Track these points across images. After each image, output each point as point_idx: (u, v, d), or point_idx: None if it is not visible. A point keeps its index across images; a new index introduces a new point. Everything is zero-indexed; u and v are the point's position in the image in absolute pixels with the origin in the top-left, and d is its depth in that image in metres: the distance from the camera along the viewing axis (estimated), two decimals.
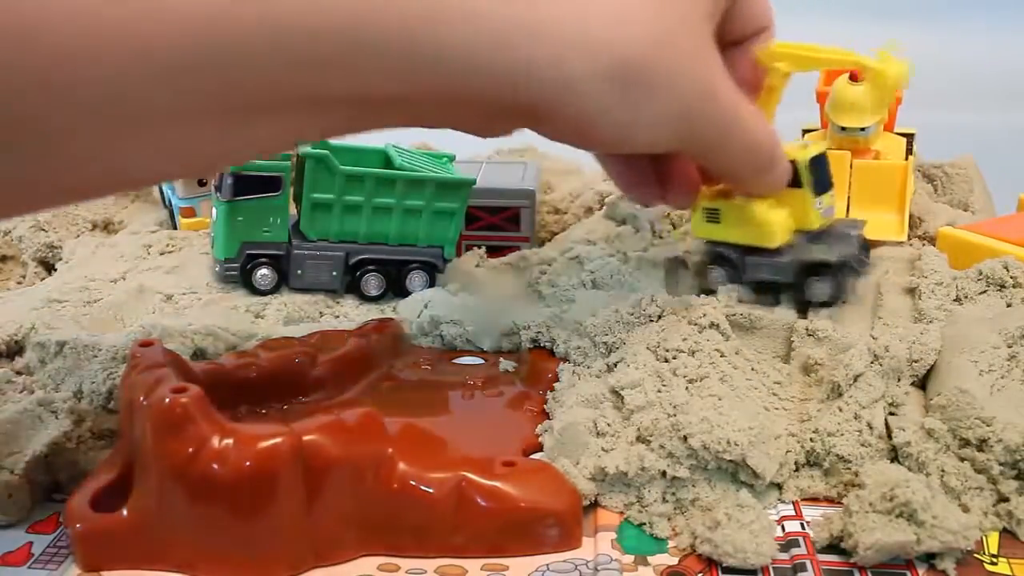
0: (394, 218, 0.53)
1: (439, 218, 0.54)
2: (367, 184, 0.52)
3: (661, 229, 0.58)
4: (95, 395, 0.46)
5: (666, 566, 0.38)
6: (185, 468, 0.36)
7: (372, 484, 0.38)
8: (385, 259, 0.54)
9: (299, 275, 0.54)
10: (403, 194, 0.53)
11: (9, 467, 0.40)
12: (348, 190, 0.52)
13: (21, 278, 0.62)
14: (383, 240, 0.54)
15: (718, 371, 0.44)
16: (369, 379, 0.48)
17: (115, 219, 0.65)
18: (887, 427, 0.42)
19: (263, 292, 0.54)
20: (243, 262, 0.53)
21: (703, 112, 0.39)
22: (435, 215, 0.54)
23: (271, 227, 0.53)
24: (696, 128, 0.39)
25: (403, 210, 0.53)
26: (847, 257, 0.46)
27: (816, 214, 0.46)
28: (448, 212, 0.54)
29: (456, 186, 0.54)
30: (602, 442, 0.41)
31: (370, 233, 0.53)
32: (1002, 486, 0.40)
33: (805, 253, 0.46)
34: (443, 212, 0.54)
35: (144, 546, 0.38)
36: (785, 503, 0.41)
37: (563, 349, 0.48)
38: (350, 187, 0.52)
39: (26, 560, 0.39)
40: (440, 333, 0.51)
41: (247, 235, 0.53)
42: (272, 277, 0.53)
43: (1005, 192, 0.44)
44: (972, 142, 0.62)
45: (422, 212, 0.53)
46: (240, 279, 0.54)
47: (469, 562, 0.38)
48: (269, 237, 0.53)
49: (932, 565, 0.37)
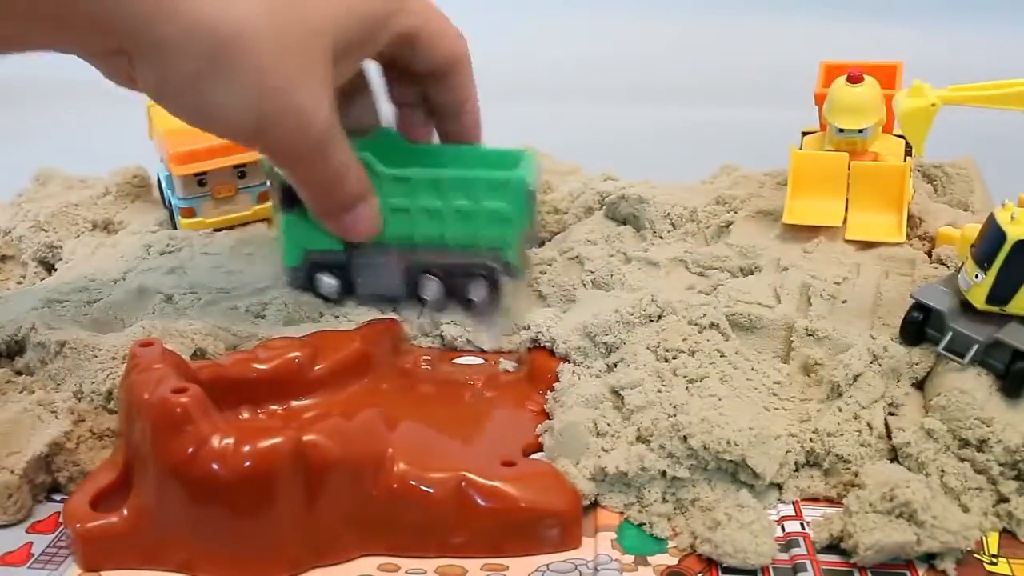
0: (447, 220, 0.50)
1: (494, 219, 0.49)
2: (413, 186, 0.49)
3: (661, 229, 0.58)
4: (95, 395, 0.46)
5: (666, 566, 0.38)
6: (185, 468, 0.36)
7: (372, 484, 0.38)
8: (444, 264, 0.50)
9: (360, 283, 0.52)
10: (451, 194, 0.49)
11: (9, 467, 0.40)
12: (394, 192, 0.49)
13: (21, 278, 0.62)
14: (440, 243, 0.50)
15: (718, 371, 0.44)
16: (369, 379, 0.47)
17: (115, 219, 0.65)
18: (887, 427, 0.42)
19: (329, 300, 0.52)
20: (307, 270, 0.52)
21: (279, 111, 0.41)
22: (489, 216, 0.49)
23: (329, 235, 0.51)
24: (274, 131, 0.42)
25: (454, 211, 0.49)
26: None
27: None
28: (501, 213, 0.49)
29: (506, 184, 0.49)
30: (602, 442, 0.41)
31: (424, 236, 0.50)
32: (1002, 486, 0.40)
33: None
34: (496, 213, 0.49)
35: (144, 546, 0.38)
36: (785, 503, 0.41)
37: (563, 349, 0.48)
38: (396, 189, 0.49)
39: (26, 560, 0.39)
40: (441, 333, 0.51)
41: (308, 243, 0.52)
42: (336, 285, 0.52)
43: (1005, 192, 0.44)
44: (972, 142, 0.62)
45: (473, 213, 0.49)
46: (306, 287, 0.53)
47: (469, 562, 0.38)
48: (328, 245, 0.51)
49: (932, 565, 0.37)
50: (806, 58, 0.58)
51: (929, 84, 0.46)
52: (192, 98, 0.41)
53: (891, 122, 0.54)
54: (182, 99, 0.41)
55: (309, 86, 0.42)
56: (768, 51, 0.92)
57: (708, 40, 0.97)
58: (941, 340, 0.43)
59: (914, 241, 0.53)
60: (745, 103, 0.83)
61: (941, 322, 0.44)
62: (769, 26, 0.97)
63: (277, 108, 0.41)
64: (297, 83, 0.41)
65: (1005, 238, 0.41)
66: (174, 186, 0.62)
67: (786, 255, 0.52)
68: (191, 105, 0.41)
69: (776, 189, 0.58)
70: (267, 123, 0.42)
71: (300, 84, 0.41)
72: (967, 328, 0.43)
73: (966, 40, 0.92)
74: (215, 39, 0.39)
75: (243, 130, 0.42)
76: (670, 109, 0.87)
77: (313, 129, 0.43)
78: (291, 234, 0.52)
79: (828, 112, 0.52)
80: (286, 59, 0.41)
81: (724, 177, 0.63)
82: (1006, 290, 0.42)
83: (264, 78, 0.40)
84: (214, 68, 0.39)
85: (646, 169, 0.63)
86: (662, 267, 0.55)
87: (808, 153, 0.54)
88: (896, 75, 0.54)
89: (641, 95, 0.89)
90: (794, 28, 0.95)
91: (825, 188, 0.53)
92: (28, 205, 0.64)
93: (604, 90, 0.90)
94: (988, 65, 0.56)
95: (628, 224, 0.59)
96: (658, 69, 0.93)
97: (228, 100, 0.40)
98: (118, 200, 0.66)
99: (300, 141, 0.43)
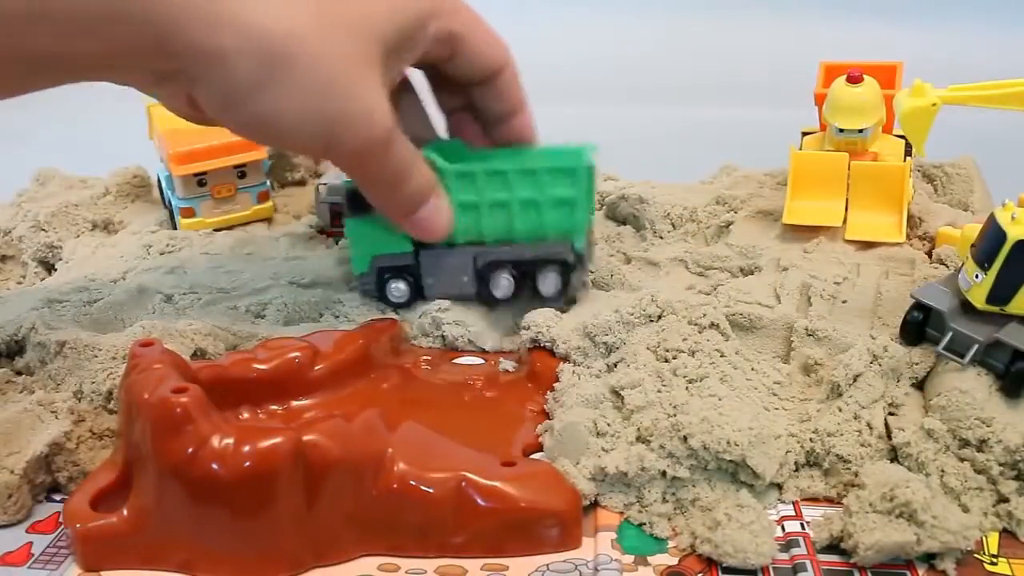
0: (514, 212, 0.50)
1: (559, 208, 0.49)
2: (479, 180, 0.49)
3: (661, 229, 0.58)
4: (95, 395, 0.46)
5: (666, 566, 0.38)
6: (185, 468, 0.36)
7: (372, 484, 0.38)
8: (514, 259, 0.50)
9: (430, 284, 0.52)
10: (516, 186, 0.49)
11: (9, 467, 0.40)
12: (460, 188, 0.49)
13: (21, 278, 0.62)
14: (509, 237, 0.50)
15: (718, 371, 0.44)
16: (369, 379, 0.47)
17: (115, 219, 0.65)
18: (887, 427, 0.42)
19: (399, 305, 0.52)
20: (377, 276, 0.52)
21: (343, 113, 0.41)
22: (555, 204, 0.49)
23: (395, 238, 0.51)
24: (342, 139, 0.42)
25: (520, 203, 0.50)
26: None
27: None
28: (568, 200, 0.49)
29: (570, 171, 0.49)
30: (602, 442, 0.41)
31: (494, 231, 0.50)
32: (1002, 486, 0.40)
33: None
34: (563, 201, 0.49)
35: (144, 546, 0.38)
36: (785, 503, 0.41)
37: (563, 349, 0.48)
38: (462, 185, 0.49)
39: (26, 560, 0.39)
40: (442, 334, 0.51)
41: (376, 248, 0.52)
42: (405, 289, 0.52)
43: (1005, 192, 0.44)
44: (972, 142, 0.62)
45: (540, 203, 0.50)
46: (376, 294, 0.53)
47: (469, 562, 0.38)
48: (396, 248, 0.51)
49: (932, 565, 0.37)
50: (806, 58, 0.58)
51: (930, 84, 0.46)
52: (255, 107, 0.40)
53: (891, 122, 0.54)
54: (245, 110, 0.41)
55: (368, 86, 0.42)
56: (768, 51, 0.92)
57: (708, 40, 0.97)
58: (941, 340, 0.43)
59: (914, 241, 0.53)
60: (745, 103, 0.83)
61: (941, 322, 0.44)
62: (769, 26, 0.97)
63: (341, 110, 0.41)
64: (356, 84, 0.41)
65: (1005, 238, 0.41)
66: (174, 186, 0.62)
67: (786, 255, 0.52)
68: (255, 115, 0.41)
69: (776, 189, 0.58)
70: (333, 126, 0.41)
71: (359, 85, 0.41)
72: (967, 328, 0.43)
73: (966, 40, 0.92)
74: (271, 45, 0.39)
75: (311, 136, 0.42)
76: (670, 109, 0.87)
77: (377, 127, 0.43)
78: (358, 240, 0.52)
79: (828, 112, 0.52)
80: (342, 61, 0.41)
81: (724, 177, 0.63)
82: (1006, 290, 0.42)
83: (324, 81, 0.40)
84: (273, 75, 0.39)
85: (646, 169, 0.63)
86: (662, 267, 0.55)
87: (808, 153, 0.54)
88: (896, 75, 0.54)
89: (641, 95, 0.89)
90: (794, 28, 0.95)
91: (825, 188, 0.53)
92: (28, 205, 0.64)
93: (604, 90, 0.90)
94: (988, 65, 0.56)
95: (628, 224, 0.59)
96: (658, 69, 0.93)
97: (291, 106, 0.40)
98: (118, 200, 0.66)
99: (365, 141, 0.43)
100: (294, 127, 0.41)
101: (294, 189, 0.70)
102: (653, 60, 0.94)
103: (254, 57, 0.39)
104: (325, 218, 0.61)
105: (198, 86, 0.40)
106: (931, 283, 0.45)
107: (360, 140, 0.43)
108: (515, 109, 0.50)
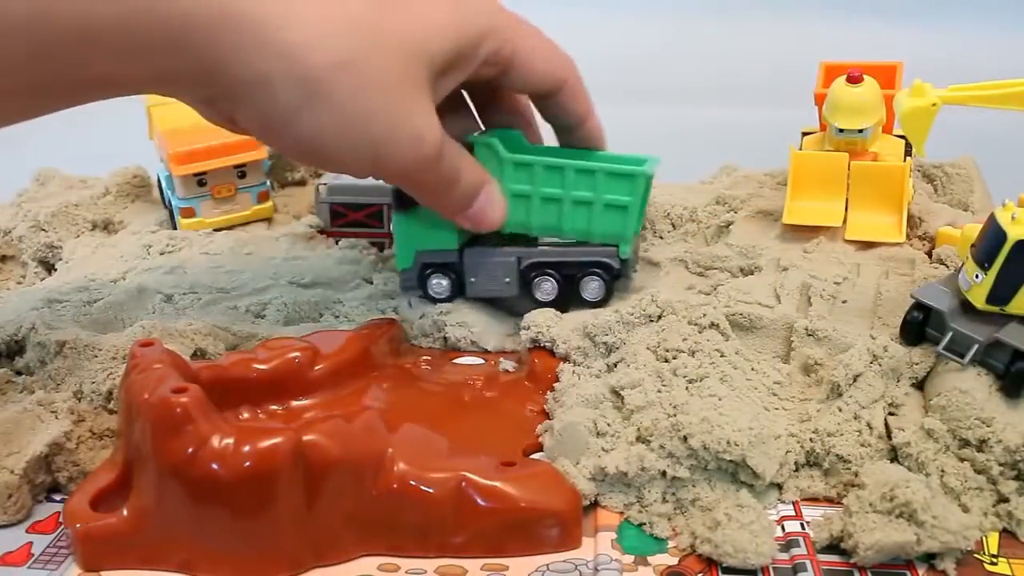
0: (565, 210, 0.49)
1: (611, 212, 0.49)
2: (535, 172, 0.49)
3: (661, 229, 0.58)
4: (95, 395, 0.46)
5: (666, 566, 0.38)
6: (185, 468, 0.36)
7: (372, 484, 0.38)
8: (558, 262, 0.51)
9: (473, 282, 0.52)
10: (572, 184, 0.49)
11: (9, 467, 0.40)
12: (516, 178, 0.49)
13: (21, 278, 0.62)
14: (555, 233, 0.50)
15: (718, 371, 0.44)
16: (369, 379, 0.47)
17: (115, 219, 0.65)
18: (887, 427, 0.42)
19: (439, 300, 0.52)
20: (419, 271, 0.52)
21: (390, 134, 0.41)
22: (607, 208, 0.49)
23: (440, 234, 0.51)
24: (391, 159, 0.42)
25: (573, 202, 0.49)
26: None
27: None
28: (620, 206, 0.49)
29: (628, 177, 0.48)
30: (602, 442, 0.41)
31: (542, 225, 0.50)
32: (1002, 486, 0.40)
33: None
34: (615, 206, 0.49)
35: (144, 546, 0.38)
36: (785, 503, 0.41)
37: (563, 349, 0.48)
38: (517, 175, 0.49)
39: (26, 560, 0.39)
40: (444, 335, 0.51)
41: (420, 244, 0.52)
42: (447, 285, 0.52)
43: (1005, 192, 0.44)
44: (972, 142, 0.62)
45: (593, 204, 0.49)
46: (419, 289, 0.53)
47: (469, 562, 0.38)
48: (440, 245, 0.51)
49: (932, 565, 0.37)
50: (806, 58, 0.58)
51: (930, 84, 0.46)
52: (297, 130, 0.40)
53: (891, 122, 0.54)
54: (287, 133, 0.41)
55: (415, 109, 0.42)
56: (768, 51, 0.92)
57: (708, 40, 0.97)
58: (941, 340, 0.43)
59: (914, 241, 0.53)
60: (745, 103, 0.83)
61: (941, 322, 0.44)
62: (769, 26, 0.97)
63: (387, 135, 0.41)
64: (403, 108, 0.41)
65: (1005, 238, 0.41)
66: (174, 186, 0.62)
67: (786, 255, 0.52)
68: (297, 139, 0.41)
69: (776, 189, 0.58)
70: (379, 149, 0.41)
71: (406, 108, 0.41)
72: (967, 328, 0.43)
73: (966, 40, 0.92)
74: (314, 72, 0.39)
75: (356, 159, 0.42)
76: (670, 109, 0.87)
77: (426, 147, 0.42)
78: (403, 235, 0.52)
79: (828, 112, 0.52)
80: (388, 87, 0.40)
81: (724, 177, 0.63)
82: (1006, 290, 0.42)
83: (368, 108, 0.40)
84: (314, 100, 0.39)
85: None
86: (662, 267, 0.55)
87: (808, 153, 0.54)
88: (896, 75, 0.54)
89: (641, 95, 0.89)
90: (794, 28, 0.95)
91: (825, 188, 0.53)
92: (28, 205, 0.64)
93: (604, 90, 0.90)
94: (988, 65, 0.56)
95: None
96: (658, 69, 0.93)
97: (335, 131, 0.40)
98: (118, 200, 0.67)
99: (413, 159, 0.43)
100: (340, 150, 0.41)
101: (294, 189, 0.70)
102: (653, 60, 0.94)
103: (296, 83, 0.39)
104: (325, 218, 0.61)
105: (240, 109, 0.41)
106: (931, 283, 0.45)
107: (408, 161, 0.43)
108: (579, 122, 0.50)
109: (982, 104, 0.45)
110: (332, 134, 0.40)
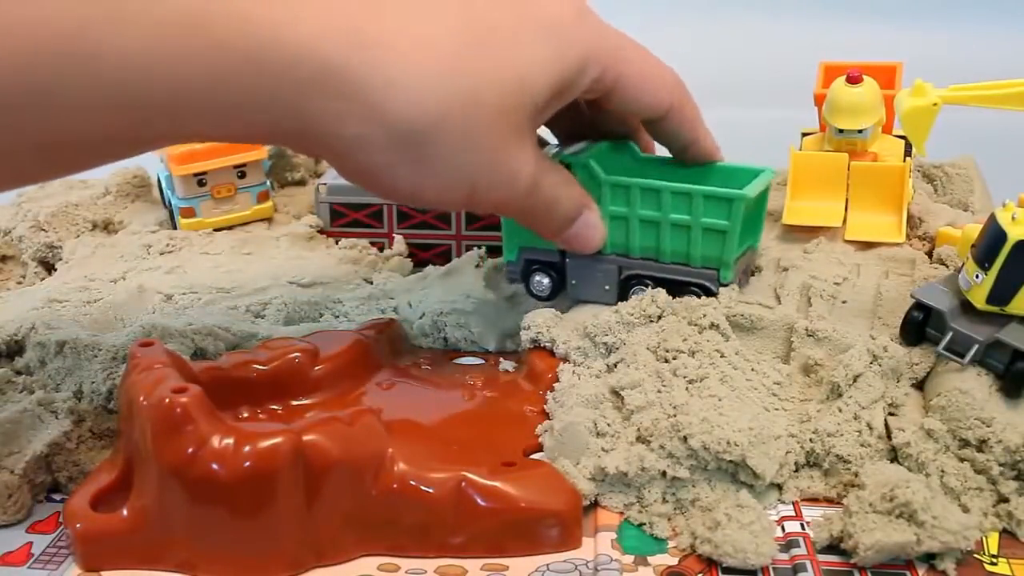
0: (663, 233, 0.48)
1: (710, 236, 0.47)
2: (632, 194, 0.47)
3: None
4: (95, 395, 0.46)
5: (666, 566, 0.38)
6: (185, 468, 0.36)
7: (372, 484, 0.38)
8: (658, 276, 0.49)
9: (573, 285, 0.51)
10: (670, 207, 0.47)
11: (9, 467, 0.41)
12: (614, 200, 0.48)
13: (21, 278, 0.62)
14: (655, 256, 0.49)
15: (718, 371, 0.44)
16: (369, 379, 0.48)
17: (115, 219, 0.65)
18: (887, 427, 0.42)
19: (541, 298, 0.52)
20: (522, 268, 0.52)
21: (488, 178, 0.41)
22: (705, 232, 0.47)
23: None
24: (486, 197, 0.42)
25: (671, 225, 0.48)
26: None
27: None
28: (718, 230, 0.47)
29: (726, 201, 0.46)
30: (602, 442, 0.41)
31: (641, 247, 0.49)
32: (1002, 486, 0.40)
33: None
34: (713, 230, 0.47)
35: (144, 546, 0.38)
36: (785, 503, 0.41)
37: (563, 349, 0.48)
38: (615, 197, 0.48)
39: (26, 560, 0.39)
40: (444, 335, 0.51)
41: (524, 240, 0.51)
42: (548, 284, 0.51)
43: (1005, 192, 0.44)
44: (972, 142, 0.62)
45: (691, 229, 0.47)
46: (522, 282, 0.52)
47: (469, 562, 0.38)
48: (543, 244, 0.50)
49: (932, 565, 0.37)
50: (806, 58, 0.58)
51: (930, 84, 0.46)
52: (392, 183, 0.40)
53: (891, 122, 0.54)
54: (384, 184, 0.40)
55: (513, 152, 0.41)
56: (768, 51, 0.92)
57: (708, 41, 0.97)
58: (941, 340, 0.43)
59: (914, 241, 0.53)
60: (745, 103, 0.83)
61: (941, 322, 0.44)
62: (769, 26, 0.97)
63: (482, 178, 0.41)
64: (501, 154, 0.40)
65: (1006, 238, 0.41)
66: (174, 186, 0.62)
67: (786, 255, 0.52)
68: (394, 188, 0.41)
69: (776, 189, 0.58)
70: (475, 188, 0.41)
71: (504, 154, 0.40)
72: (967, 328, 0.43)
73: (966, 40, 0.92)
74: (411, 134, 0.38)
75: (450, 201, 0.42)
76: None
77: (520, 184, 0.42)
78: (509, 230, 0.52)
79: (828, 113, 0.52)
80: (487, 138, 0.40)
81: None
82: (1006, 290, 0.42)
83: (465, 160, 0.39)
84: (412, 156, 0.39)
85: None
86: None
87: (808, 154, 0.54)
88: (896, 75, 0.54)
89: None
90: (794, 28, 0.95)
91: (825, 189, 0.53)
92: (28, 205, 0.64)
93: None
94: (988, 65, 0.56)
95: None
96: None
97: (431, 183, 0.40)
98: (118, 200, 0.66)
99: (510, 195, 0.42)
100: (438, 197, 0.41)
101: (294, 189, 0.70)
102: None
103: (394, 144, 0.38)
104: (325, 218, 0.61)
105: (334, 160, 0.41)
106: (931, 283, 0.45)
107: (505, 198, 0.42)
108: (685, 146, 0.49)
109: (982, 104, 0.45)
110: (431, 184, 0.40)
